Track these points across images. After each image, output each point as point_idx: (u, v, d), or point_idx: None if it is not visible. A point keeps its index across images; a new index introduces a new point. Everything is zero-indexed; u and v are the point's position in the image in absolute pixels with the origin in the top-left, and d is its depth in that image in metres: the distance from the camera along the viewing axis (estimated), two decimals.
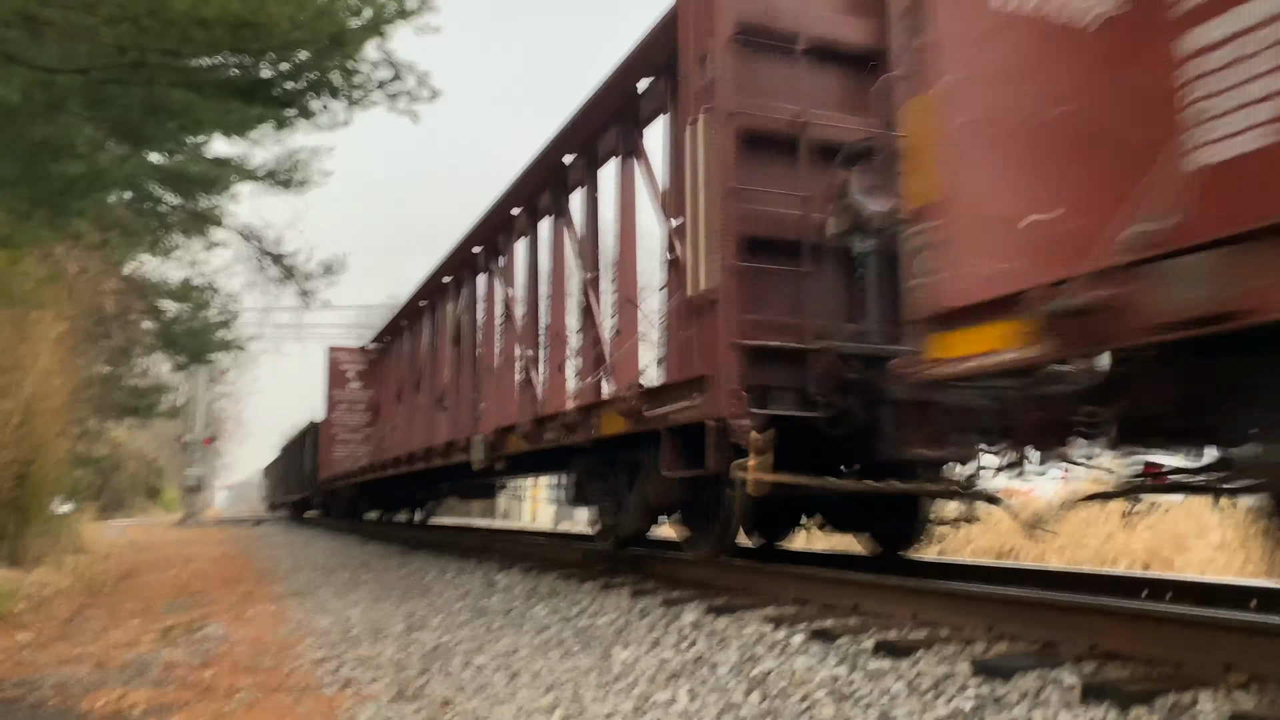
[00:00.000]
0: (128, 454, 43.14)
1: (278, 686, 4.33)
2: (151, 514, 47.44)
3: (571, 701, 3.87)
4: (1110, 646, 3.90)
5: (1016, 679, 3.56)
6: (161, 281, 19.94)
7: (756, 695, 3.83)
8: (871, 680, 3.84)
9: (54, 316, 11.64)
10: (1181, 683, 3.34)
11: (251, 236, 18.43)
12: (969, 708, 3.36)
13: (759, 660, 4.38)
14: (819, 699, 3.70)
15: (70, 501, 16.71)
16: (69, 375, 13.04)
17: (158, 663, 5.08)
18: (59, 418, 12.59)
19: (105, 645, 5.93)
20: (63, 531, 14.04)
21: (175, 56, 5.06)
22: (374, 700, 3.96)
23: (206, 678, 4.59)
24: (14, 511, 10.77)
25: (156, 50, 4.92)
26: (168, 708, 4.02)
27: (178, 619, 6.97)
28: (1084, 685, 3.35)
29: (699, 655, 4.65)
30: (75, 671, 4.94)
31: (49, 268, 12.10)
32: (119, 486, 42.31)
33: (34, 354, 10.82)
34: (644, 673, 4.38)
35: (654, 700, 3.85)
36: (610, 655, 4.83)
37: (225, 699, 4.11)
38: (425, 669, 4.62)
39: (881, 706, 3.51)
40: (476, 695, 4.05)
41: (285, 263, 18.53)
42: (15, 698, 4.36)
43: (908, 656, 4.10)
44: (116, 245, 15.81)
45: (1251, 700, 3.15)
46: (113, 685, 4.51)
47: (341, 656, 5.03)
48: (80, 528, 15.91)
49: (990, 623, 4.53)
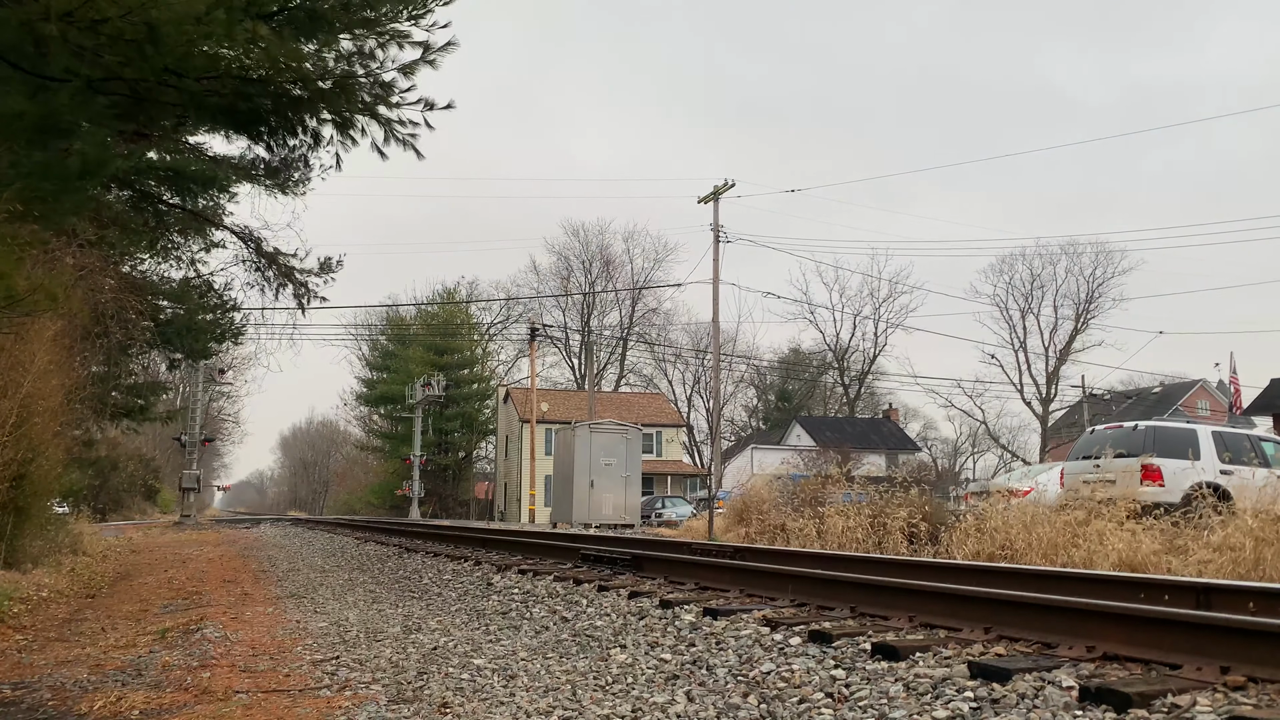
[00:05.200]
0: (125, 455, 43.06)
1: (275, 688, 4.32)
2: (149, 515, 47.34)
3: (570, 704, 3.87)
4: (1108, 648, 3.90)
5: (1014, 681, 3.56)
6: (160, 280, 19.90)
7: (755, 697, 3.83)
8: (869, 682, 3.84)
9: (51, 315, 11.61)
10: (1179, 684, 3.34)
11: (249, 237, 18.38)
12: (967, 710, 3.36)
13: (757, 662, 4.38)
14: (817, 701, 3.70)
15: (67, 503, 16.69)
16: (66, 375, 13.01)
17: (155, 664, 5.08)
18: (56, 418, 12.56)
19: (103, 647, 5.92)
20: (60, 533, 14.03)
21: (176, 76, 5.06)
22: (372, 702, 3.95)
23: (204, 679, 4.58)
24: (11, 513, 10.74)
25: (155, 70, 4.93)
26: (165, 709, 4.01)
27: (175, 620, 6.96)
28: (1081, 687, 3.36)
29: (697, 657, 4.65)
30: (73, 673, 4.93)
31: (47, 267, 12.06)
32: (116, 487, 42.23)
33: (31, 354, 10.79)
34: (642, 675, 4.38)
35: (652, 702, 3.85)
36: (608, 657, 4.83)
37: (223, 701, 4.10)
38: (423, 671, 4.61)
39: (880, 709, 3.51)
40: (474, 697, 4.04)
41: (282, 262, 18.47)
42: (13, 699, 4.34)
43: (905, 658, 4.10)
44: (114, 243, 15.77)
45: (1250, 701, 3.15)
46: (110, 687, 4.50)
47: (339, 658, 5.03)
48: (77, 529, 15.88)
49: (988, 624, 4.54)
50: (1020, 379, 63.88)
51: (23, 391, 10.36)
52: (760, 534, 15.97)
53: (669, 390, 68.54)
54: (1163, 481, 13.08)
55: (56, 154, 6.15)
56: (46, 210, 6.93)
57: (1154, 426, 14.51)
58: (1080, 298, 62.16)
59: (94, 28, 4.58)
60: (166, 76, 5.02)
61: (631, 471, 28.72)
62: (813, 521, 14.38)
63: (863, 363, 70.79)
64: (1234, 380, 39.52)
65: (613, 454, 28.40)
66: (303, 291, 18.45)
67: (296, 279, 18.41)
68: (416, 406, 52.64)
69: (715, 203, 31.61)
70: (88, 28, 4.59)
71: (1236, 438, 14.66)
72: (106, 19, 4.58)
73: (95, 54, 4.74)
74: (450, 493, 62.69)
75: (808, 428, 59.50)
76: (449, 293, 66.65)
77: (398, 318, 67.85)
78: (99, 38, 4.67)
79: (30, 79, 4.96)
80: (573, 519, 27.64)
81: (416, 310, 67.07)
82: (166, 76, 5.02)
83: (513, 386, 59.82)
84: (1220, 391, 51.74)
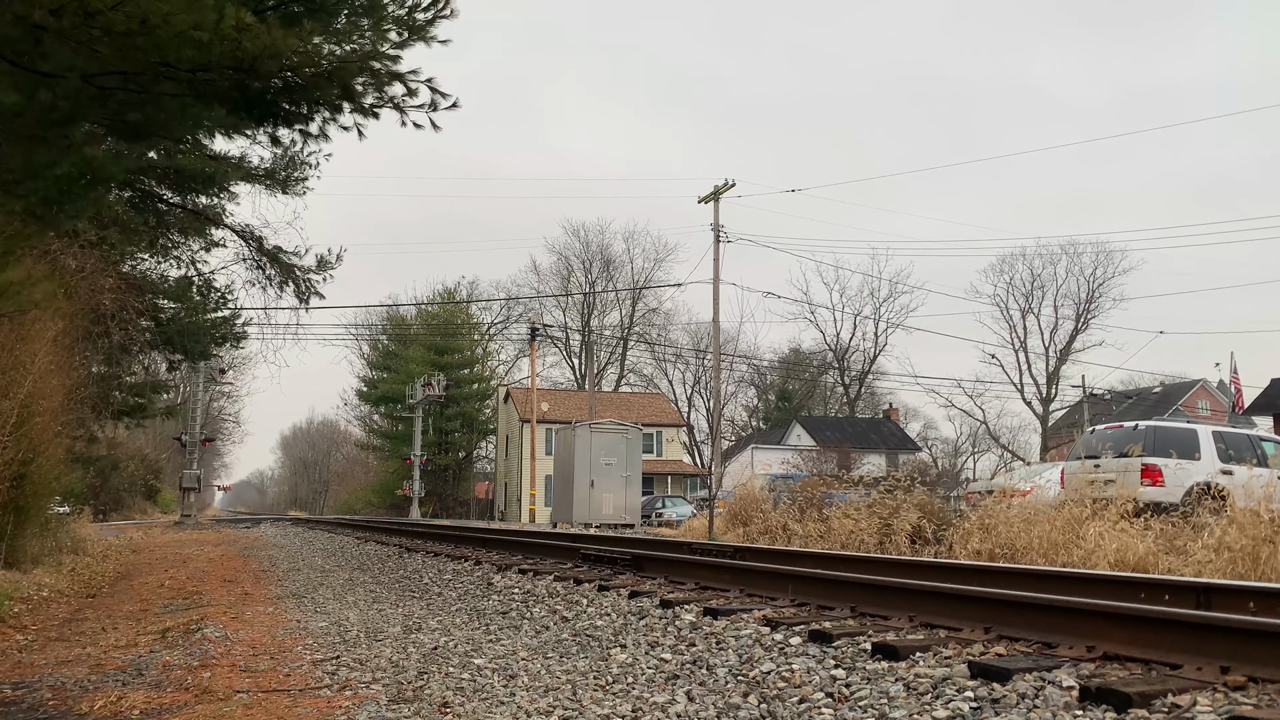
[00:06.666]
0: (126, 454, 43.08)
1: (276, 688, 4.32)
2: (149, 514, 47.35)
3: (570, 703, 3.87)
4: (1108, 648, 3.90)
5: (1014, 681, 3.57)
6: (160, 280, 19.89)
7: (755, 697, 3.84)
8: (870, 682, 3.84)
9: (52, 315, 11.62)
10: (1179, 684, 3.35)
11: (250, 236, 18.39)
12: (967, 709, 3.36)
13: (757, 662, 4.38)
14: (817, 701, 3.70)
15: (68, 502, 16.69)
16: (67, 375, 13.02)
17: (155, 664, 5.08)
18: (57, 418, 12.57)
19: (103, 646, 5.93)
20: (60, 532, 14.04)
21: (171, 68, 5.05)
22: (372, 702, 3.95)
23: (205, 679, 4.58)
24: (12, 512, 10.74)
25: (152, 62, 4.92)
26: (166, 709, 4.02)
27: (175, 620, 6.96)
28: (1082, 687, 3.36)
29: (697, 657, 4.65)
30: (73, 673, 4.93)
31: (47, 266, 12.07)
32: (117, 487, 42.27)
33: (32, 354, 10.80)
34: (642, 675, 4.38)
35: (652, 702, 3.85)
36: (608, 657, 4.83)
37: (223, 700, 4.10)
38: (423, 670, 4.61)
39: (880, 709, 3.51)
40: (475, 697, 4.04)
41: (284, 260, 18.47)
42: (13, 699, 4.35)
43: (906, 658, 4.10)
44: (114, 243, 15.78)
45: (1250, 701, 3.15)
46: (110, 687, 4.50)
47: (339, 658, 5.03)
48: (78, 528, 15.89)
49: (988, 624, 4.54)
50: (1020, 379, 63.94)
51: (23, 391, 10.36)
52: (761, 534, 15.97)
53: (669, 390, 68.62)
54: (1163, 481, 13.09)
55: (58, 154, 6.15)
56: (48, 213, 6.94)
57: (1154, 426, 14.51)
58: (1080, 298, 62.22)
59: (87, 21, 4.58)
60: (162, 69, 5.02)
61: (632, 471, 28.72)
62: (815, 523, 14.38)
63: (863, 363, 70.84)
64: (1234, 380, 39.50)
65: (613, 454, 28.41)
66: (304, 288, 18.46)
67: (298, 275, 18.42)
68: (417, 406, 52.66)
69: (715, 203, 31.62)
70: (81, 21, 4.59)
71: (1237, 438, 14.66)
72: (98, 11, 4.58)
73: (91, 48, 4.74)
74: (451, 493, 62.71)
75: (808, 428, 59.50)
76: (449, 293, 66.70)
77: (398, 317, 67.89)
78: (92, 30, 4.67)
79: (28, 75, 4.96)
80: (573, 519, 27.64)
81: (417, 310, 67.14)
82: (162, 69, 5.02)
83: (513, 386, 59.83)
84: (1220, 391, 51.74)
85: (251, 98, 5.81)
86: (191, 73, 5.22)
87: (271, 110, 6.03)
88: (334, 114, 6.14)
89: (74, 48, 4.81)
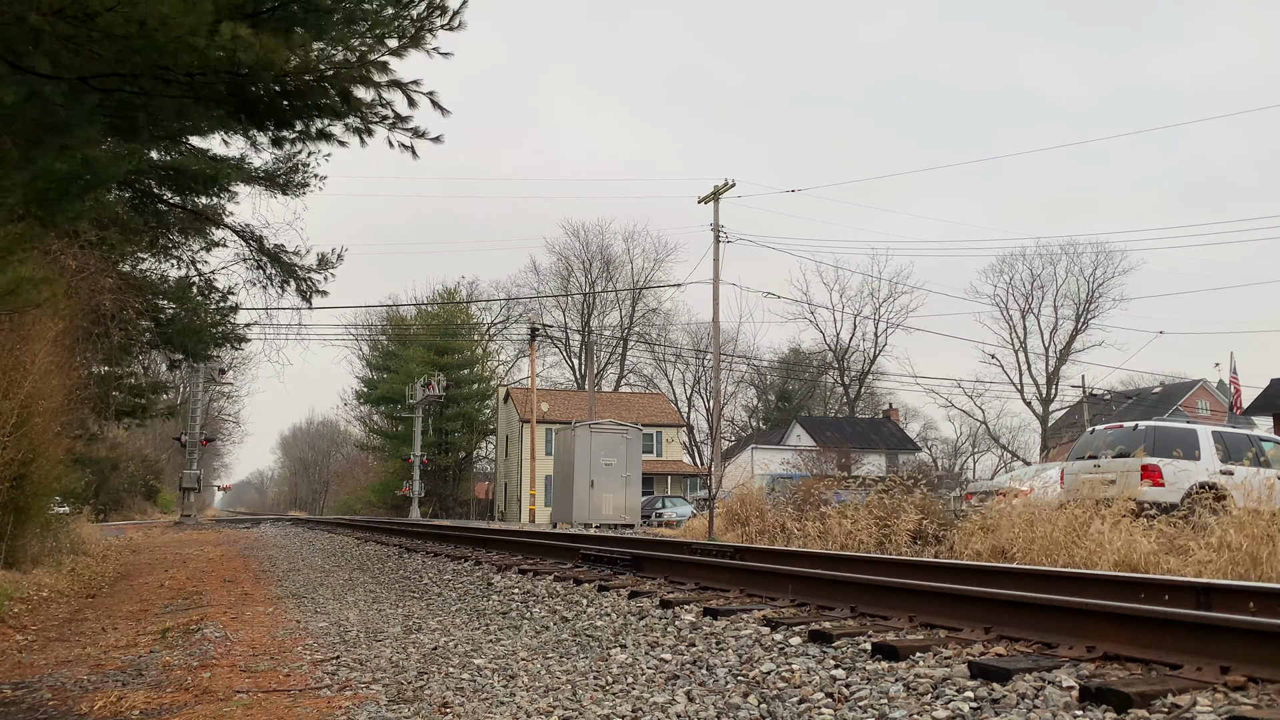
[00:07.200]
0: (126, 455, 43.07)
1: (276, 688, 4.32)
2: (149, 515, 47.35)
3: (570, 703, 3.87)
4: (1108, 648, 3.90)
5: (1014, 681, 3.57)
6: (160, 280, 19.89)
7: (755, 697, 3.84)
8: (869, 682, 3.84)
9: (52, 315, 11.61)
10: (1179, 684, 3.35)
11: (250, 235, 18.39)
12: (967, 709, 3.36)
13: (757, 662, 4.38)
14: (817, 701, 3.70)
15: (68, 503, 16.68)
16: (67, 375, 13.01)
17: (155, 664, 5.08)
18: (57, 418, 12.56)
19: (103, 647, 5.93)
20: (60, 532, 14.03)
21: (169, 70, 5.06)
22: (372, 702, 3.95)
23: (204, 679, 4.58)
24: (12, 512, 10.74)
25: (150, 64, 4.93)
26: (166, 709, 4.02)
27: (175, 620, 6.96)
28: (1081, 687, 3.36)
29: (697, 657, 4.65)
30: (73, 673, 4.93)
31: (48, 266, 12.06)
32: (117, 487, 42.25)
33: (32, 354, 10.79)
34: (642, 675, 4.38)
35: (652, 702, 3.85)
36: (608, 657, 4.83)
37: (223, 701, 4.10)
38: (423, 671, 4.61)
39: (880, 709, 3.51)
40: (475, 697, 4.04)
41: (285, 259, 18.47)
42: (13, 699, 4.35)
43: (906, 658, 4.10)
44: (115, 243, 15.77)
45: (1250, 701, 3.15)
46: (110, 687, 4.50)
47: (339, 658, 5.03)
48: (78, 528, 15.88)
49: (988, 624, 4.54)
50: (1020, 379, 63.93)
51: (23, 392, 10.36)
52: (760, 534, 15.97)
53: (669, 390, 68.60)
54: (1163, 481, 13.09)
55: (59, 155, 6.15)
56: (48, 214, 6.94)
57: (1154, 426, 14.52)
58: (1080, 298, 62.23)
59: (86, 22, 4.58)
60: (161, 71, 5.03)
61: (632, 471, 28.73)
62: (815, 523, 14.37)
63: (863, 363, 70.85)
64: (1234, 380, 39.49)
65: (613, 454, 28.41)
66: (305, 286, 18.48)
67: (298, 274, 18.44)
68: (417, 406, 52.66)
69: (715, 203, 31.62)
70: (81, 23, 4.59)
71: (1237, 438, 14.66)
72: (96, 14, 4.59)
73: (90, 50, 4.75)
74: (450, 493, 62.71)
75: (808, 428, 59.49)
76: (449, 293, 66.68)
77: (398, 318, 67.86)
78: (92, 33, 4.67)
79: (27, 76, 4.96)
80: (573, 519, 27.64)
81: (417, 310, 67.11)
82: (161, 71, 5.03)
83: (513, 386, 59.82)
84: (1220, 391, 51.73)
85: (250, 100, 5.82)
86: (189, 76, 5.22)
87: (271, 112, 6.04)
88: (334, 119, 6.15)
89: (73, 49, 4.81)
